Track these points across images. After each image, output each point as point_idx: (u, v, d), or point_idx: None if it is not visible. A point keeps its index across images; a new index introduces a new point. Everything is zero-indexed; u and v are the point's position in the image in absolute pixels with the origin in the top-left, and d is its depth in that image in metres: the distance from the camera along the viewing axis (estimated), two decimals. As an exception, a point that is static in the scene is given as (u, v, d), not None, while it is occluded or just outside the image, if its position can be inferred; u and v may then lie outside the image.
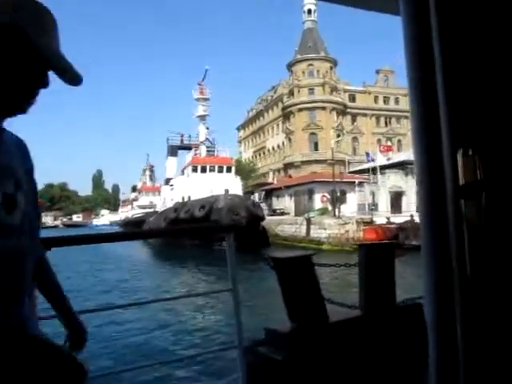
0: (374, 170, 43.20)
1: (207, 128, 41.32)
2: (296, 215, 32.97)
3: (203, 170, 35.69)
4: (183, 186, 35.07)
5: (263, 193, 44.30)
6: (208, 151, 38.61)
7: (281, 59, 65.45)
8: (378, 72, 69.86)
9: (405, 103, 70.32)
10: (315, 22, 67.49)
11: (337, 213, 29.33)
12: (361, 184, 35.67)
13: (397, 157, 45.12)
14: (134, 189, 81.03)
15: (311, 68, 64.73)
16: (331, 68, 65.68)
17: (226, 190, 28.46)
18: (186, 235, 22.31)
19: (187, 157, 39.76)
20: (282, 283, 2.24)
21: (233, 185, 32.87)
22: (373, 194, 42.53)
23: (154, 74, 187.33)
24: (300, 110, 63.97)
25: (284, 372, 2.00)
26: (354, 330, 2.23)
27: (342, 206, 31.57)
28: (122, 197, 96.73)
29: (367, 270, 2.39)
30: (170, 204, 33.99)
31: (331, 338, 2.15)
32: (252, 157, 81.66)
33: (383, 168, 42.98)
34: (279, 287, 2.25)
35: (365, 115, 67.65)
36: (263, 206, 42.84)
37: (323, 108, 63.05)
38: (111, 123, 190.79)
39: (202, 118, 41.87)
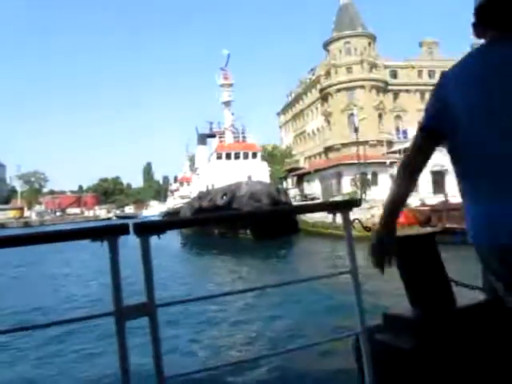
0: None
1: (232, 114, 40.67)
2: (324, 200, 31.67)
3: (228, 156, 35.14)
4: (208, 174, 34.77)
5: (295, 178, 43.09)
6: (234, 137, 38.01)
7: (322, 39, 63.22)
8: (421, 45, 65.74)
9: (452, 76, 65.93)
10: (351, -3, 64.45)
11: (365, 196, 27.70)
12: (392, 164, 33.57)
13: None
14: (175, 179, 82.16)
15: (348, 46, 62.02)
16: (369, 44, 62.58)
17: (249, 177, 27.78)
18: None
19: (213, 144, 39.35)
20: (401, 264, 2.05)
21: (259, 171, 32.11)
22: (412, 174, 40.14)
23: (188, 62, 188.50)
24: (338, 90, 61.66)
25: (413, 362, 1.85)
26: (484, 316, 1.99)
27: (374, 189, 29.86)
28: (170, 188, 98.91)
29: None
30: (196, 193, 33.85)
31: (461, 325, 1.97)
32: (293, 142, 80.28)
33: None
34: (397, 269, 2.05)
35: (408, 91, 63.99)
36: (295, 191, 41.83)
37: (362, 87, 60.36)
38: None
39: (227, 103, 41.07)
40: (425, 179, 38.69)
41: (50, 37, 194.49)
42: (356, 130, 60.76)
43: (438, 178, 38.81)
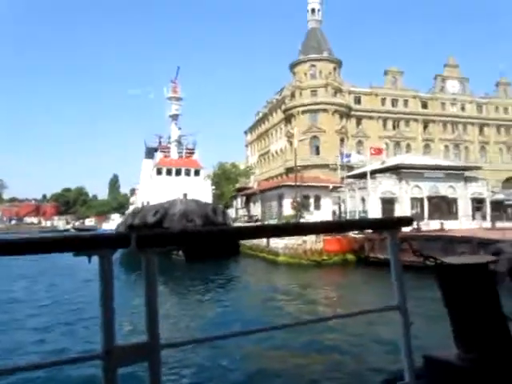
0: (371, 173, 40.37)
1: (179, 128, 39.47)
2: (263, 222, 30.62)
3: (168, 172, 33.81)
4: (146, 190, 33.32)
5: (244, 198, 42.09)
6: (179, 153, 36.75)
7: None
8: (386, 73, 66.64)
9: (414, 105, 66.88)
10: (319, 22, 65.20)
11: (303, 220, 26.73)
12: (336, 189, 32.89)
13: (391, 160, 42.13)
14: (131, 192, 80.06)
15: (313, 69, 62.27)
16: (335, 69, 63.03)
17: (184, 195, 26.46)
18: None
19: (157, 159, 38.01)
20: (449, 297, 1.83)
21: (200, 189, 30.88)
22: (363, 199, 39.70)
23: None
24: (301, 112, 61.56)
25: None
26: None
27: (316, 213, 28.97)
28: (130, 201, 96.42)
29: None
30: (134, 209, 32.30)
31: None
32: (257, 161, 79.81)
33: (376, 172, 40.08)
34: (442, 302, 1.84)
35: (371, 118, 64.49)
36: (244, 211, 40.69)
37: (325, 110, 60.43)
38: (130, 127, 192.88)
39: (174, 117, 39.91)
40: (375, 206, 38.24)
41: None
42: (318, 152, 61.14)
43: (388, 206, 38.47)
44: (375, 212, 37.64)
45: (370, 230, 1.99)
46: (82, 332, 10.46)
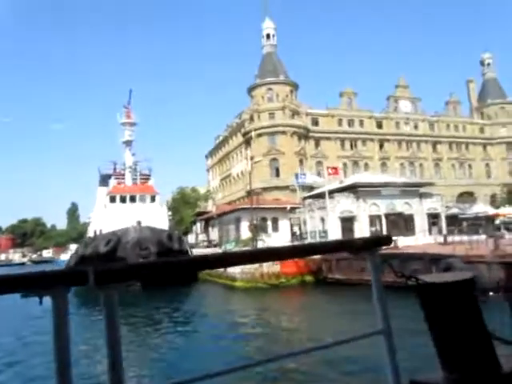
0: (330, 193, 40.72)
1: (133, 154, 38.75)
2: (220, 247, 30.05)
3: (122, 199, 32.83)
4: (100, 219, 32.20)
5: (203, 223, 41.42)
6: (133, 179, 35.92)
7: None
8: (341, 94, 68.36)
9: (369, 125, 68.75)
10: (274, 47, 66.53)
11: (256, 243, 26.41)
12: (293, 210, 32.88)
13: (348, 179, 42.69)
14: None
15: (270, 92, 63.14)
16: (291, 92, 64.13)
17: (138, 222, 25.63)
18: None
19: (110, 186, 36.96)
20: (432, 317, 1.76)
21: (156, 216, 30.08)
22: (322, 219, 39.87)
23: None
24: (260, 135, 61.96)
25: None
26: None
27: (274, 235, 28.70)
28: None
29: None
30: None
31: None
32: (219, 185, 79.46)
33: (334, 192, 40.49)
34: (425, 321, 1.77)
35: (329, 139, 65.69)
36: (203, 236, 39.97)
37: (283, 132, 61.10)
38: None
39: (128, 143, 39.20)
40: (334, 225, 38.43)
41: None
42: (278, 174, 61.45)
43: (347, 225, 38.79)
44: (335, 231, 37.82)
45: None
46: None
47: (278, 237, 29.99)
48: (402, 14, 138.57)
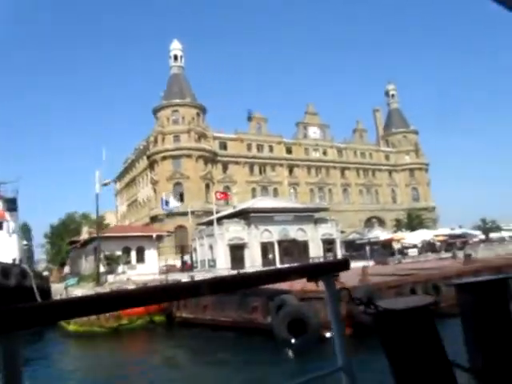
0: (221, 219, 38.68)
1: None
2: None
3: (-37, 227, 28.53)
4: None
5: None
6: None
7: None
8: (250, 119, 67.70)
9: (279, 151, 68.53)
10: (182, 68, 64.85)
11: (106, 279, 23.31)
12: (160, 238, 30.29)
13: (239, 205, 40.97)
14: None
15: (176, 114, 60.95)
16: (198, 114, 62.43)
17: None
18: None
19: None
20: (389, 345, 1.71)
21: (4, 245, 26.13)
22: (211, 247, 37.59)
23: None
24: (164, 158, 59.29)
25: None
26: None
27: (140, 266, 25.77)
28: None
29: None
30: None
31: None
32: (127, 210, 75.17)
33: (223, 218, 38.50)
34: (383, 350, 1.72)
35: (237, 163, 64.38)
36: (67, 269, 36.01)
37: (189, 156, 58.84)
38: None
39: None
40: (222, 254, 36.25)
41: None
42: (182, 199, 58.64)
43: (238, 252, 36.83)
44: (223, 260, 35.65)
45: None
46: None
47: (144, 268, 27.02)
48: (313, 40, 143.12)
